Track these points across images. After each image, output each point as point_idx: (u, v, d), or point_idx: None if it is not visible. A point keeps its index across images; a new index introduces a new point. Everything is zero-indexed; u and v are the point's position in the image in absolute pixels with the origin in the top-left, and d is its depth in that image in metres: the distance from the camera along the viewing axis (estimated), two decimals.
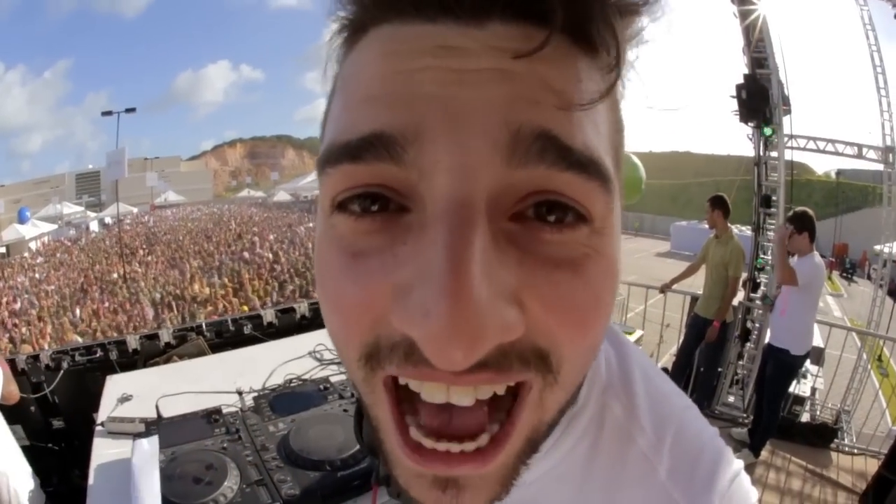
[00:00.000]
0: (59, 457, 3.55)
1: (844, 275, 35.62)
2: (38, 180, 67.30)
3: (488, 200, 0.42)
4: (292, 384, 2.50)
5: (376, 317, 0.44)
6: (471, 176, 0.41)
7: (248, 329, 3.98)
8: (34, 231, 38.72)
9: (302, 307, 4.31)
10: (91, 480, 1.93)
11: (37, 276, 26.44)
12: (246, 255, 26.38)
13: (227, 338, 3.92)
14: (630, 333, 2.94)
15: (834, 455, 6.25)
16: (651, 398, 0.64)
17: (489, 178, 0.41)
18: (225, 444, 1.94)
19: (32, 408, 3.52)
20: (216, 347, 3.73)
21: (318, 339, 3.10)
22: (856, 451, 6.33)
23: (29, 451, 2.96)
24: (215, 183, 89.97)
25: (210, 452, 1.88)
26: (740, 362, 7.96)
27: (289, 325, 4.12)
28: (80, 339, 13.66)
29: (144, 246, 32.12)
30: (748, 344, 7.95)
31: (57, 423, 3.61)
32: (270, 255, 25.70)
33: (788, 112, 8.06)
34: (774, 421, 5.93)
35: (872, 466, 5.78)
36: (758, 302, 7.80)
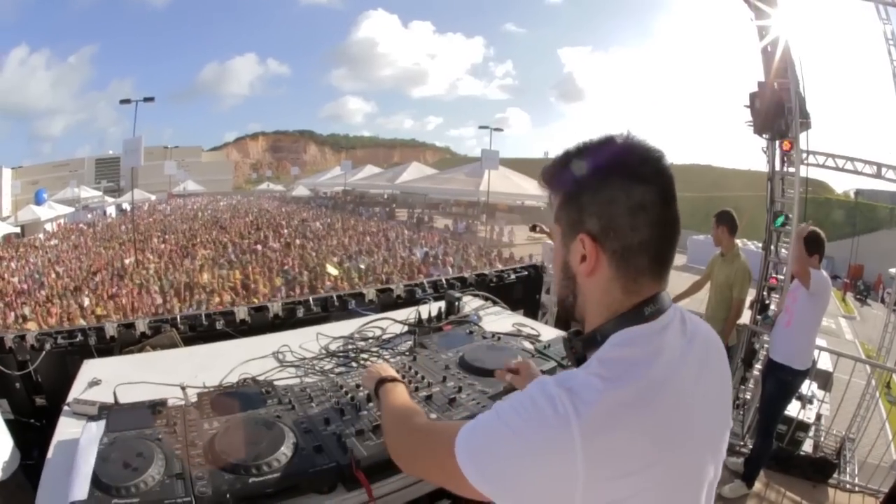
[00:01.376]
0: (39, 432, 3.56)
1: (858, 297, 35.12)
2: (58, 163, 67.92)
3: None
4: (245, 383, 2.48)
5: None
6: None
7: (220, 324, 3.95)
8: (50, 213, 39.22)
9: (275, 306, 4.28)
10: (50, 455, 2.05)
11: (49, 256, 26.61)
12: (259, 247, 26.47)
13: (199, 332, 3.91)
14: None
15: (831, 492, 6.08)
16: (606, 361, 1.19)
17: None
18: (160, 436, 1.97)
19: (17, 384, 3.57)
20: (189, 340, 3.73)
21: (284, 339, 3.13)
22: (856, 489, 6.18)
23: (13, 425, 3.06)
24: (236, 175, 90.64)
25: (144, 441, 1.91)
26: (742, 386, 7.81)
27: (261, 324, 4.09)
28: (84, 322, 13.74)
29: (158, 233, 32.33)
30: (756, 366, 7.78)
31: (39, 401, 3.66)
32: (281, 251, 25.75)
33: (808, 127, 7.89)
34: (768, 445, 5.79)
35: None
36: (759, 320, 7.63)
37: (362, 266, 22.21)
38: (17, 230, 34.11)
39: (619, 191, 1.21)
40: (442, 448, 1.26)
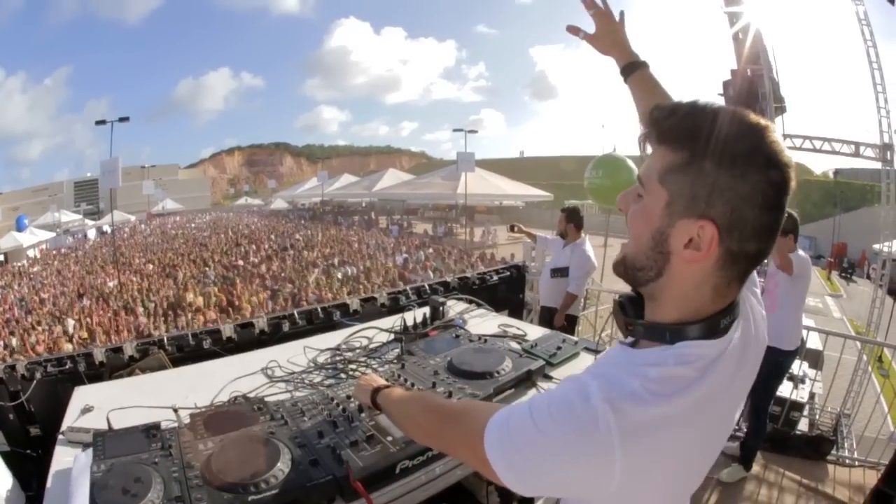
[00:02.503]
0: (36, 463, 3.58)
1: (843, 275, 35.21)
2: (37, 188, 67.88)
3: None
4: (237, 401, 2.49)
5: None
6: None
7: (207, 343, 3.97)
8: (32, 239, 39.08)
9: (261, 322, 4.29)
10: (49, 485, 2.04)
11: (33, 283, 26.44)
12: (240, 262, 26.35)
13: (187, 352, 3.93)
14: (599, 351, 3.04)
15: (830, 468, 6.01)
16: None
17: None
18: (157, 459, 1.98)
19: (11, 415, 3.59)
20: (177, 361, 3.75)
21: (272, 355, 3.13)
22: (856, 463, 6.18)
23: (10, 457, 3.09)
24: (213, 191, 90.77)
25: (141, 466, 1.92)
26: None
27: (248, 340, 4.11)
28: (71, 348, 13.65)
29: (140, 254, 32.21)
30: None
31: (34, 431, 3.67)
32: (263, 265, 25.62)
33: (783, 111, 7.91)
34: (762, 426, 5.72)
35: (871, 479, 5.60)
36: None
37: (339, 275, 22.08)
38: (1, 258, 33.97)
39: (760, 187, 1.08)
40: (473, 435, 1.23)
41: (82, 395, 2.77)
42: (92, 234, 46.06)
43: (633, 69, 2.10)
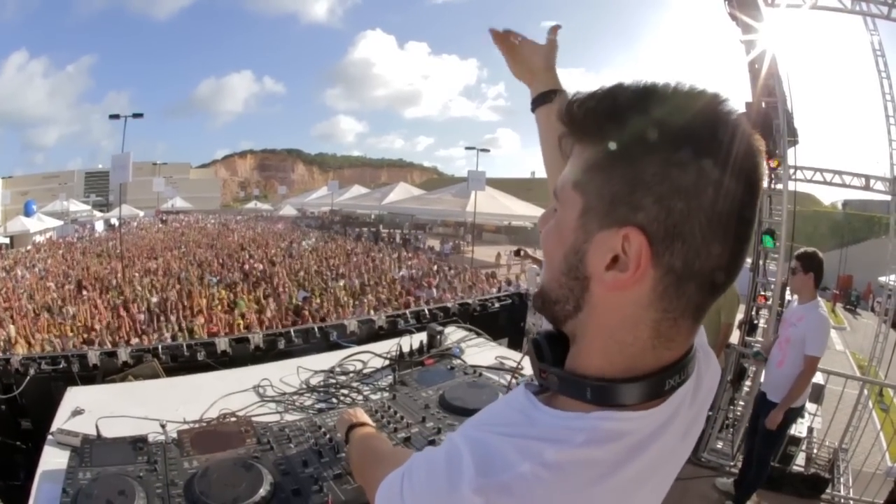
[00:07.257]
0: (25, 454, 3.62)
1: (848, 307, 35.01)
2: (48, 175, 68.59)
3: None
4: (224, 420, 2.49)
5: None
6: None
7: (201, 355, 3.97)
8: (39, 225, 39.40)
9: (256, 337, 4.29)
10: (36, 484, 2.05)
11: (37, 270, 26.44)
12: (246, 267, 26.26)
13: (181, 362, 3.95)
14: None
15: None
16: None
17: None
18: (142, 473, 1.99)
19: (3, 407, 3.64)
20: (170, 371, 3.77)
21: (265, 372, 3.12)
22: (850, 502, 6.14)
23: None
24: (224, 192, 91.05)
25: (126, 479, 1.94)
26: (731, 406, 7.67)
27: (243, 355, 4.11)
28: (71, 344, 13.64)
29: (146, 251, 32.20)
30: (744, 387, 7.63)
31: (25, 424, 3.72)
32: (267, 270, 25.49)
33: (795, 143, 7.85)
34: (763, 475, 5.66)
35: None
36: (750, 355, 7.46)
37: (342, 284, 21.87)
38: (7, 241, 34.06)
39: (709, 175, 0.77)
40: (375, 488, 0.98)
41: (74, 397, 2.77)
42: (100, 225, 46.22)
43: (550, 98, 1.71)
